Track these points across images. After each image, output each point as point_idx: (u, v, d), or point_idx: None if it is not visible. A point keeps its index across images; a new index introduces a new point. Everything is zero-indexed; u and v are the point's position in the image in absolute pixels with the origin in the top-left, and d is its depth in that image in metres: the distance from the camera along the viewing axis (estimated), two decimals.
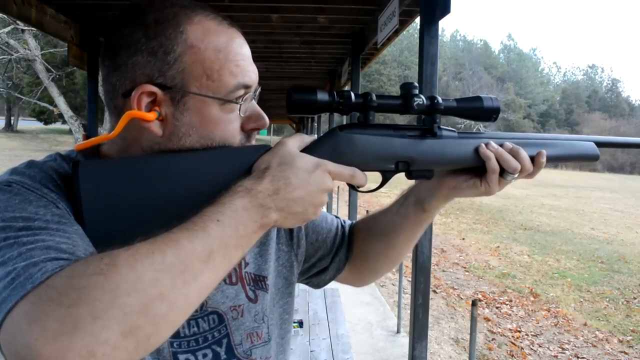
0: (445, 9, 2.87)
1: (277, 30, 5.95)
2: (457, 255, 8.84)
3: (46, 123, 36.79)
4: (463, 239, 10.40)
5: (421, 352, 3.16)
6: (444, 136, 0.77)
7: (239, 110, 0.68)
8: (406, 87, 0.74)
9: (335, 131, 0.72)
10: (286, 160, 0.64)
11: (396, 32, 4.77)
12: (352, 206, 6.45)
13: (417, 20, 3.43)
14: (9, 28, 13.88)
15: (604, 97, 72.48)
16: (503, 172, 0.78)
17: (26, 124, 43.55)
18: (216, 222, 0.57)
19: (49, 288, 0.48)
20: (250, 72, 0.69)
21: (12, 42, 14.16)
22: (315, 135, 0.72)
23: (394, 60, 60.25)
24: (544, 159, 0.80)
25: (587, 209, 16.42)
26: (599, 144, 0.87)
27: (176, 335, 0.70)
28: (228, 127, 0.68)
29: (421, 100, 0.73)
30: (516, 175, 0.79)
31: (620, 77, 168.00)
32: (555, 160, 0.85)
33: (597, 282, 7.49)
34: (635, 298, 6.78)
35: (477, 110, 0.77)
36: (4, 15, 8.14)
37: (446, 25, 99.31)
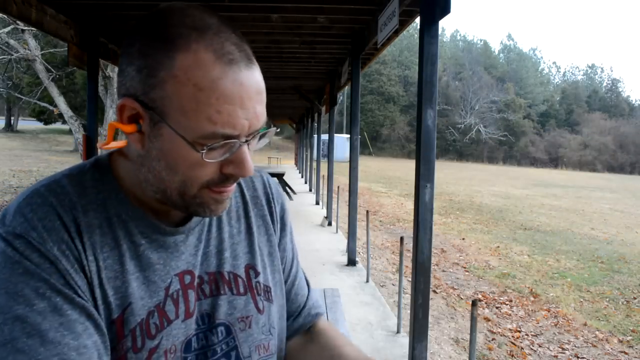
0: (445, 9, 2.88)
1: (277, 30, 5.95)
2: (457, 255, 8.83)
3: (46, 123, 36.81)
4: (463, 239, 10.39)
5: (421, 352, 3.16)
6: None
7: (202, 157, 0.61)
8: None
9: None
10: None
11: (396, 32, 4.77)
12: (352, 206, 6.44)
13: (417, 20, 3.43)
14: (9, 28, 13.89)
15: (604, 97, 72.34)
16: None
17: (26, 124, 43.59)
18: None
19: None
20: (238, 120, 0.60)
21: (12, 42, 14.15)
22: None
23: (394, 60, 60.22)
24: None
25: (587, 209, 16.42)
26: None
27: (187, 349, 0.71)
28: (195, 167, 0.63)
29: None
30: None
31: (620, 77, 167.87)
32: None
33: (597, 282, 7.48)
34: (635, 298, 6.78)
35: None
36: (4, 15, 8.13)
37: (446, 25, 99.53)
